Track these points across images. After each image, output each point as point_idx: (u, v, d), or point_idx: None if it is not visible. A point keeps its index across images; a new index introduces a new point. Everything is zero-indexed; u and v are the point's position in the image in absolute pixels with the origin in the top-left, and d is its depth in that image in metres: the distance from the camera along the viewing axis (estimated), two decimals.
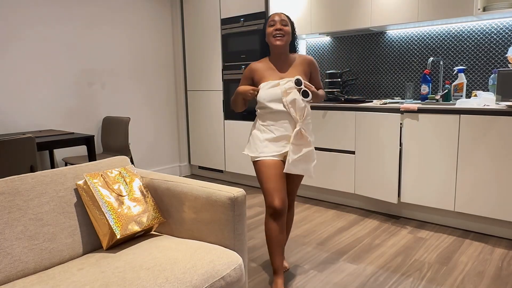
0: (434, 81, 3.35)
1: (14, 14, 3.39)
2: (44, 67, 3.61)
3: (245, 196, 1.65)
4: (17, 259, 1.41)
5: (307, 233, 2.88)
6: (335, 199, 3.56)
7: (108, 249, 1.60)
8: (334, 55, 3.93)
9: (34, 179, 1.55)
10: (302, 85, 1.99)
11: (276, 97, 2.01)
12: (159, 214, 1.74)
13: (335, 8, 3.45)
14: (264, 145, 2.04)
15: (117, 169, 1.75)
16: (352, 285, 2.14)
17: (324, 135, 3.43)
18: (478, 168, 2.68)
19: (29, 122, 3.54)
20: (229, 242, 1.62)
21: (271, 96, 2.02)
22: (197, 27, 4.42)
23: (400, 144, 3.01)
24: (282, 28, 2.04)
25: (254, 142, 2.10)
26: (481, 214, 2.71)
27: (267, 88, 2.04)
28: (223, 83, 4.25)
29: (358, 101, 3.38)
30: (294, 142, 2.00)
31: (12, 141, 2.49)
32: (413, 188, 2.98)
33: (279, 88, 2.02)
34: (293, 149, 2.00)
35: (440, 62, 3.28)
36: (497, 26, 3.00)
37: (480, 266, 2.31)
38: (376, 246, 2.63)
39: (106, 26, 4.02)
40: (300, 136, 2.01)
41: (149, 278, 1.31)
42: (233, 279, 1.48)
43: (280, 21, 2.05)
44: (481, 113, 2.63)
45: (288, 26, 2.07)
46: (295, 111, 2.00)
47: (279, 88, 2.02)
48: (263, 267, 2.37)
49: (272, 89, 2.03)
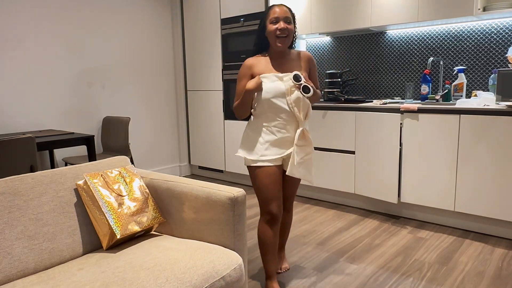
0: (434, 81, 3.35)
1: (14, 14, 3.39)
2: (44, 67, 3.61)
3: (245, 196, 1.65)
4: (17, 259, 1.41)
5: (307, 233, 2.88)
6: (335, 199, 3.56)
7: (108, 249, 1.60)
8: (334, 55, 3.93)
9: (34, 179, 1.55)
10: (301, 80, 1.87)
11: (280, 92, 1.87)
12: (159, 214, 1.74)
13: (335, 8, 3.45)
14: (265, 147, 1.91)
15: (117, 169, 1.75)
16: (352, 285, 2.14)
17: (324, 135, 3.43)
18: (478, 168, 2.68)
19: (29, 122, 3.54)
20: (229, 242, 1.61)
21: (275, 91, 1.87)
22: (197, 27, 4.42)
23: (400, 144, 3.01)
24: (286, 27, 1.87)
25: (252, 144, 1.95)
26: (481, 214, 2.71)
27: (267, 83, 1.89)
28: (223, 83, 4.25)
29: (358, 101, 3.38)
30: (298, 143, 1.90)
31: (12, 141, 2.49)
32: (413, 188, 2.98)
33: (282, 83, 1.88)
34: (297, 151, 1.90)
35: (440, 62, 3.28)
36: (497, 26, 3.00)
37: (480, 266, 2.31)
38: (376, 246, 2.63)
39: (106, 26, 4.02)
40: (303, 136, 1.91)
41: (149, 278, 1.31)
42: (233, 279, 1.48)
43: (284, 19, 1.88)
44: (481, 113, 2.63)
45: (291, 23, 1.91)
46: (299, 110, 1.88)
47: (282, 84, 1.88)
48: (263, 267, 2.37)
49: (275, 83, 1.88)
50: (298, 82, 1.87)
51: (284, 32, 1.88)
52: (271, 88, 1.88)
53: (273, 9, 1.91)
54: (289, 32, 1.90)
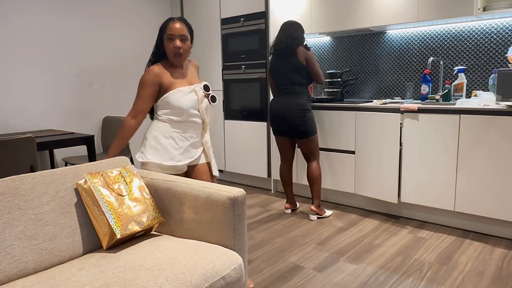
0: (434, 81, 3.35)
1: (14, 15, 3.39)
2: (44, 67, 3.61)
3: (245, 196, 1.65)
4: (17, 259, 1.41)
5: (307, 233, 2.88)
6: (335, 199, 3.56)
7: (108, 249, 1.60)
8: (334, 55, 3.93)
9: (34, 179, 1.55)
10: (209, 90, 2.13)
11: (195, 104, 2.05)
12: (159, 214, 1.74)
13: (335, 8, 3.45)
14: (180, 152, 2.07)
15: (117, 169, 1.75)
16: (352, 285, 2.14)
17: (324, 135, 3.43)
18: (478, 168, 2.68)
19: (29, 122, 3.54)
20: (229, 242, 1.61)
21: (192, 103, 2.04)
22: (197, 27, 4.42)
23: (400, 144, 3.01)
24: (182, 47, 2.01)
25: (166, 150, 2.05)
26: (481, 214, 2.71)
27: (185, 95, 2.03)
28: (223, 83, 4.25)
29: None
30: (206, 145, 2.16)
31: (12, 141, 2.49)
32: (413, 188, 2.98)
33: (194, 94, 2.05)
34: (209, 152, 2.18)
35: (440, 62, 3.28)
36: (497, 26, 3.00)
37: (480, 266, 2.31)
38: (376, 246, 2.63)
39: (106, 26, 4.02)
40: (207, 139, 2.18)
41: (149, 278, 1.31)
42: (233, 279, 1.48)
43: (179, 37, 2.00)
44: (481, 113, 2.63)
45: (187, 40, 2.03)
46: (208, 116, 2.12)
47: (194, 94, 2.06)
48: (263, 267, 2.37)
49: (190, 95, 2.04)
50: (207, 92, 2.12)
51: (179, 50, 2.01)
52: (188, 100, 2.04)
53: (169, 26, 2.02)
54: (185, 50, 2.04)
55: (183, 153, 2.08)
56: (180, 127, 2.07)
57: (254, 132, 4.00)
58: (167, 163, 2.04)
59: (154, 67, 2.03)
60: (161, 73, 2.02)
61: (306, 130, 3.04)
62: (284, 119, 3.05)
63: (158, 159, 2.04)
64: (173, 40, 2.00)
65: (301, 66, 3.02)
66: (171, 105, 2.02)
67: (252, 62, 3.95)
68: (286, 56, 3.05)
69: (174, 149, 2.06)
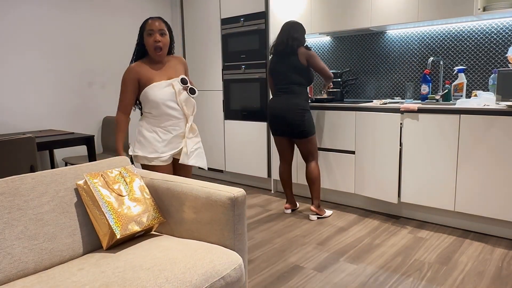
0: (434, 81, 3.35)
1: (14, 14, 3.39)
2: (45, 67, 3.61)
3: (245, 196, 1.65)
4: (17, 259, 1.41)
5: (307, 233, 2.88)
6: (335, 199, 3.56)
7: (108, 249, 1.60)
8: (334, 55, 3.93)
9: (34, 179, 1.55)
10: (187, 83, 2.23)
11: (172, 97, 2.18)
12: (159, 214, 1.74)
13: (335, 8, 3.45)
14: (164, 145, 2.21)
15: (117, 169, 1.76)
16: (352, 285, 2.14)
17: (324, 135, 3.43)
18: (478, 168, 2.68)
19: (29, 122, 3.54)
20: (229, 242, 1.61)
21: (168, 96, 2.16)
22: (197, 27, 4.42)
23: (400, 144, 3.01)
24: (161, 40, 2.13)
25: (150, 143, 2.20)
26: (481, 214, 2.71)
27: (161, 89, 2.15)
28: (223, 83, 4.25)
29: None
30: (188, 136, 2.26)
31: (12, 141, 2.49)
32: (413, 188, 2.98)
33: (171, 88, 2.18)
34: (188, 142, 2.26)
35: (440, 62, 3.28)
36: (497, 26, 3.00)
37: (480, 266, 2.31)
38: (376, 246, 2.63)
39: (107, 26, 4.02)
40: (191, 129, 2.29)
41: (149, 278, 1.31)
42: (233, 279, 1.48)
43: (158, 31, 2.13)
44: (481, 113, 2.63)
45: (166, 34, 2.17)
46: (188, 108, 2.23)
47: (171, 88, 2.18)
48: (263, 267, 2.37)
49: (166, 89, 2.17)
50: (185, 84, 2.22)
51: (159, 43, 2.14)
52: (164, 94, 2.16)
53: (148, 22, 2.16)
54: (164, 44, 2.16)
55: (167, 145, 2.22)
56: (161, 120, 2.20)
57: (254, 132, 4.00)
58: (151, 155, 2.20)
59: (133, 65, 2.19)
60: (139, 70, 2.17)
61: (304, 130, 3.04)
62: (283, 119, 3.05)
63: (143, 152, 2.21)
64: (152, 35, 2.13)
65: (301, 66, 3.02)
66: (148, 100, 2.17)
67: (252, 62, 3.95)
68: (286, 56, 3.05)
69: (158, 142, 2.21)
